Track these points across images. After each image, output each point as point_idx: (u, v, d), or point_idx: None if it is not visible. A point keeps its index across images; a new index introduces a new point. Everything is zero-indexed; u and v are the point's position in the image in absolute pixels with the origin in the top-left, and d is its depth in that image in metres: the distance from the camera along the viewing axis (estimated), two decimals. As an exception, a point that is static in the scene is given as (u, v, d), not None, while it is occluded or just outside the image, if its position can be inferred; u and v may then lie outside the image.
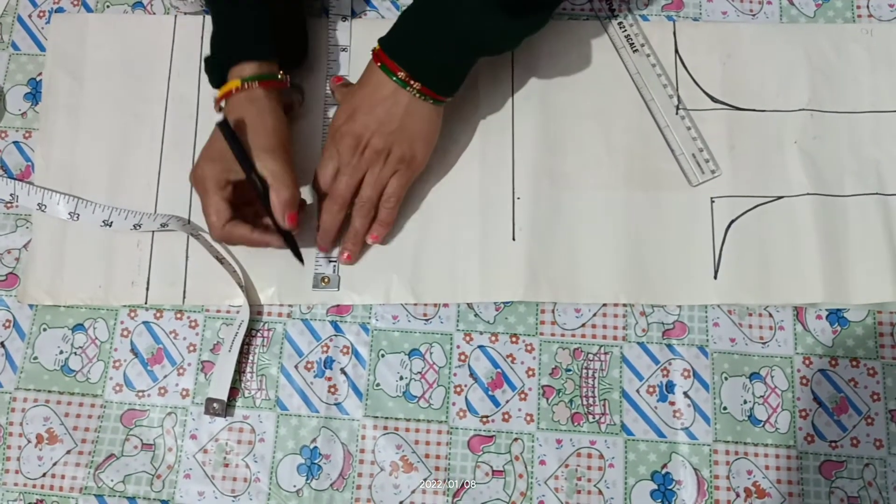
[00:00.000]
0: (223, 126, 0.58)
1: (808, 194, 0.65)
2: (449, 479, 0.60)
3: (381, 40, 0.61)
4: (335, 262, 0.65)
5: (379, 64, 0.60)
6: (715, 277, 0.64)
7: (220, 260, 0.64)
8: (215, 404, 0.61)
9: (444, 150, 0.66)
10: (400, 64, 0.59)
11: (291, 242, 0.62)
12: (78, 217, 0.65)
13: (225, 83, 0.62)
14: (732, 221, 0.65)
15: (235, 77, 0.61)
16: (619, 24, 0.69)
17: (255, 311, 0.64)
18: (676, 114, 0.67)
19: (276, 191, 0.59)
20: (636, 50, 0.69)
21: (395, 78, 0.59)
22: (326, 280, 0.64)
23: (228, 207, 0.60)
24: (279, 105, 0.62)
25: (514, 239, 0.65)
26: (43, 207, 0.66)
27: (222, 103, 0.62)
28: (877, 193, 0.65)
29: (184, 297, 0.65)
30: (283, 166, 0.59)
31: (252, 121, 0.60)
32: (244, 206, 0.62)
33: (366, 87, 0.61)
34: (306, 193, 0.65)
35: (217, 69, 0.63)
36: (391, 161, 0.61)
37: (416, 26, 0.60)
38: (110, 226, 0.65)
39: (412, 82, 0.59)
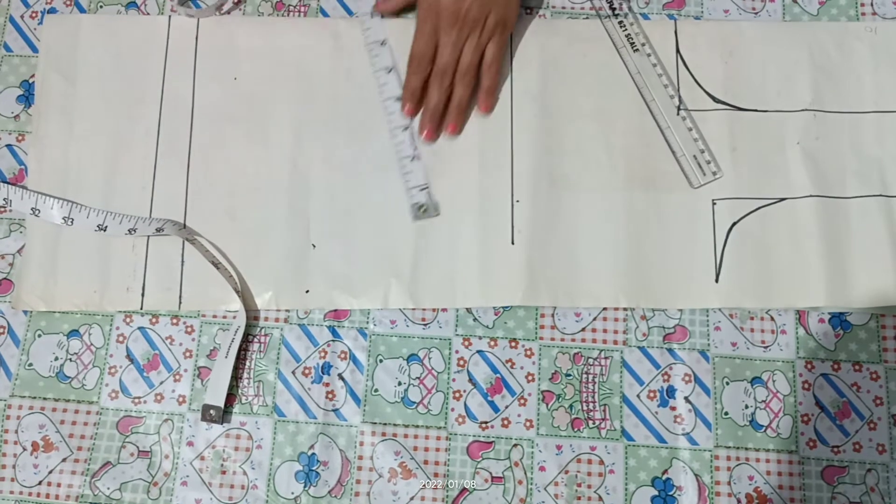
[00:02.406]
0: None
1: (810, 196, 0.64)
2: (448, 486, 0.60)
3: None
4: (427, 188, 0.64)
5: None
6: (716, 281, 0.63)
7: (216, 265, 0.63)
8: (212, 411, 0.61)
9: (441, 151, 0.66)
10: None
11: None
12: (72, 222, 0.64)
13: None
14: (734, 224, 0.64)
15: None
16: (620, 22, 0.68)
17: (252, 316, 0.63)
18: (677, 114, 0.66)
19: None
20: (636, 49, 0.68)
21: None
22: (424, 209, 0.64)
23: None
24: None
25: (513, 242, 0.64)
26: (36, 212, 0.65)
27: None
28: (880, 195, 0.64)
29: (180, 303, 0.64)
30: None
31: None
32: None
33: None
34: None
35: None
36: (488, 27, 0.64)
37: None
38: (105, 230, 0.64)
39: None
